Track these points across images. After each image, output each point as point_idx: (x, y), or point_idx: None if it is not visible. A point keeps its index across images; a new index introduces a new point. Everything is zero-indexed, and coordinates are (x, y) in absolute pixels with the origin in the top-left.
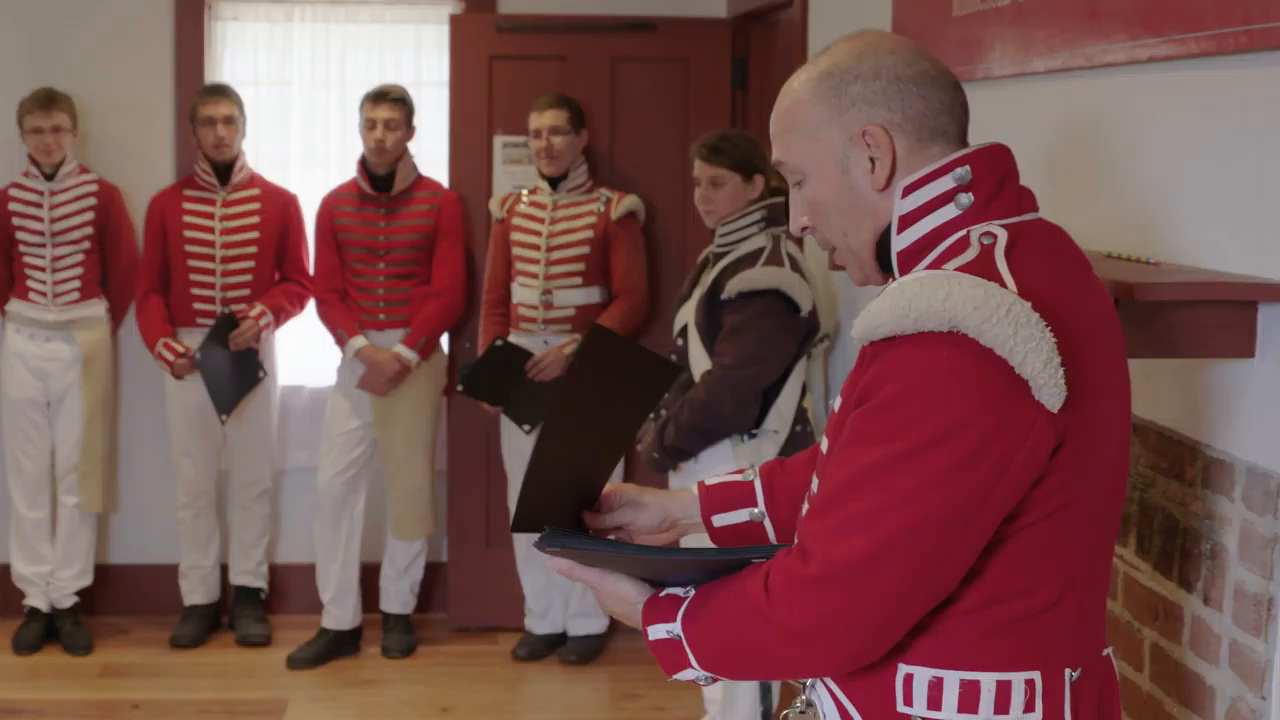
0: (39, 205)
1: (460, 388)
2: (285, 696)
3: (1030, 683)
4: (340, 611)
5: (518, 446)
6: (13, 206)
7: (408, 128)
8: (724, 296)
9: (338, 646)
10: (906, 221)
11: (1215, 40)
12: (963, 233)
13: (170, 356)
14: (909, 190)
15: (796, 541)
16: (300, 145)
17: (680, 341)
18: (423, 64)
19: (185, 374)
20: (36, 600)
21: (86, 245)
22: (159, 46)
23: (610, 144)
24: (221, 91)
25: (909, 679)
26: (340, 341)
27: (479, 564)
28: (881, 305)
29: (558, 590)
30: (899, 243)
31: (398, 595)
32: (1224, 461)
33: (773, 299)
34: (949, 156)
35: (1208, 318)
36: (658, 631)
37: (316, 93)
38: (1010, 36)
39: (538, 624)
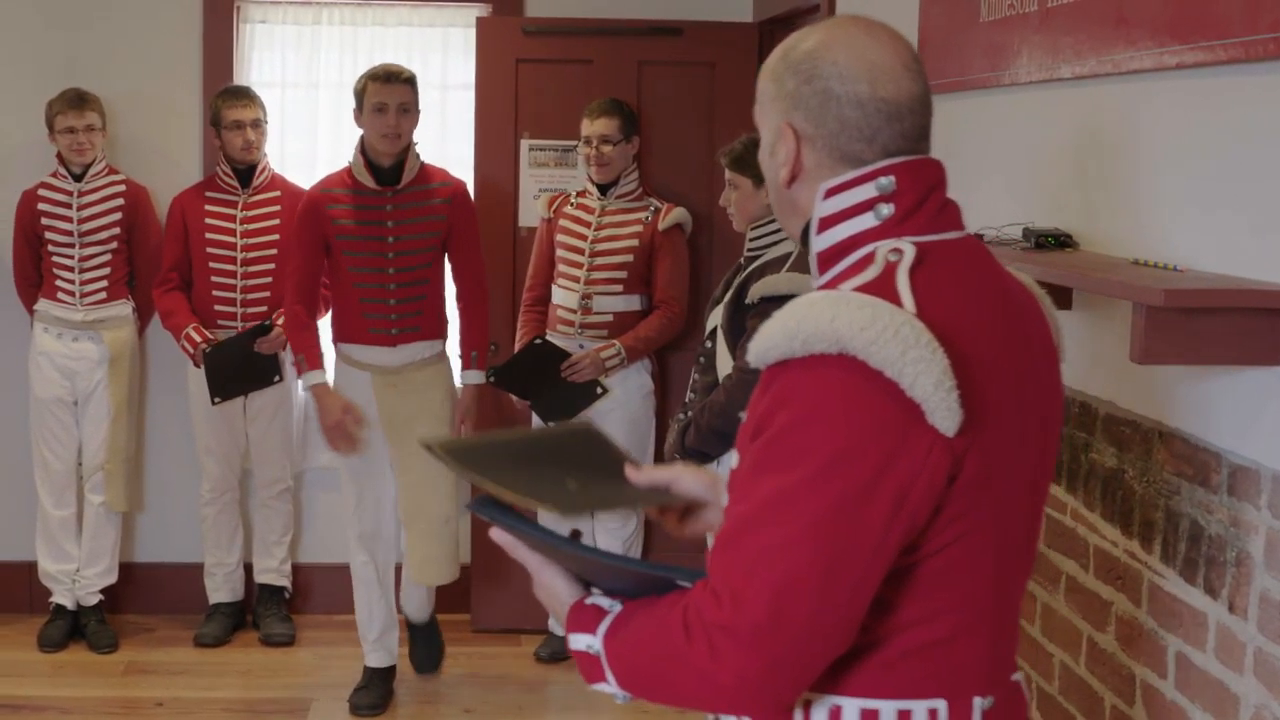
0: (68, 205)
1: (491, 379)
2: (309, 696)
3: (933, 712)
4: (388, 646)
5: None
6: (41, 206)
7: (417, 111)
8: (747, 301)
9: (389, 683)
10: (826, 224)
11: (1244, 47)
12: (871, 248)
13: (197, 339)
14: (831, 193)
15: (708, 573)
16: (327, 147)
17: (709, 344)
18: (449, 67)
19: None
20: (62, 598)
21: (114, 245)
22: (187, 48)
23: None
24: (247, 94)
25: (809, 706)
26: (298, 368)
27: (501, 565)
28: (771, 327)
29: None
30: (818, 244)
31: (429, 658)
32: (1250, 469)
33: None
34: (876, 164)
35: (1234, 325)
36: (578, 642)
37: (344, 95)
38: (1037, 43)
39: (560, 626)
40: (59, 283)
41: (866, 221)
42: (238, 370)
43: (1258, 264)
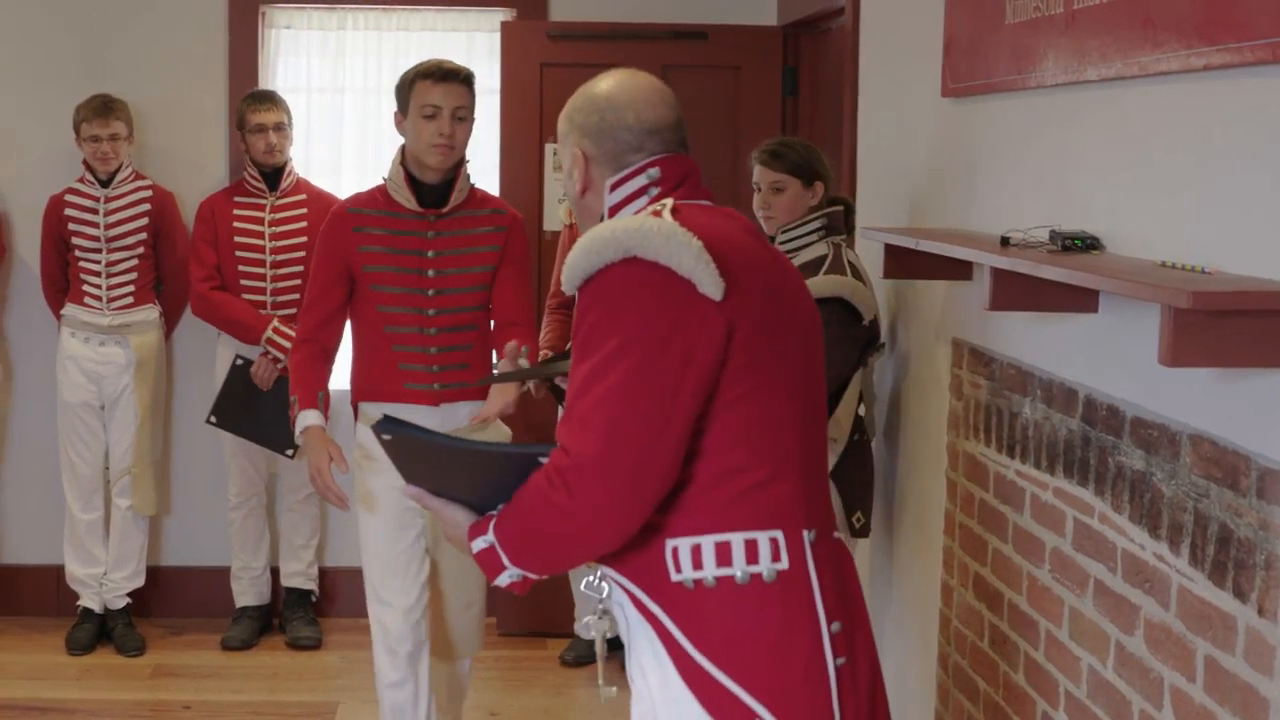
0: (94, 211)
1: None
2: (336, 699)
3: (775, 541)
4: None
5: None
6: (69, 212)
7: (473, 119)
8: None
9: None
10: (614, 210)
11: (1271, 48)
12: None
13: (285, 344)
14: (614, 186)
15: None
16: (352, 152)
17: None
18: (474, 71)
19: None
20: (90, 601)
21: (141, 250)
22: (213, 54)
23: None
24: (270, 98)
25: (675, 551)
26: (292, 409)
27: None
28: (572, 259)
29: None
30: None
31: None
32: (1279, 472)
33: (835, 307)
34: (643, 160)
35: (1262, 327)
36: (479, 543)
37: (369, 100)
38: (1063, 45)
39: (586, 629)
40: (86, 288)
41: (642, 203)
42: (264, 413)
43: None
